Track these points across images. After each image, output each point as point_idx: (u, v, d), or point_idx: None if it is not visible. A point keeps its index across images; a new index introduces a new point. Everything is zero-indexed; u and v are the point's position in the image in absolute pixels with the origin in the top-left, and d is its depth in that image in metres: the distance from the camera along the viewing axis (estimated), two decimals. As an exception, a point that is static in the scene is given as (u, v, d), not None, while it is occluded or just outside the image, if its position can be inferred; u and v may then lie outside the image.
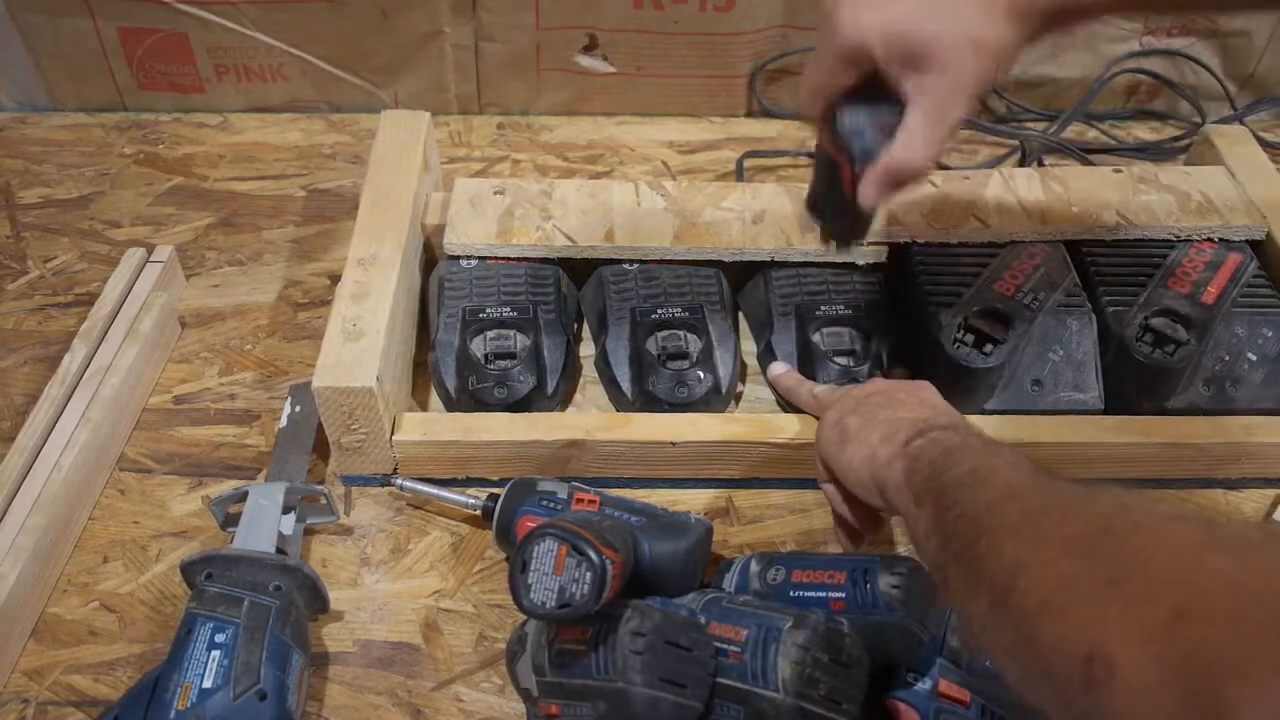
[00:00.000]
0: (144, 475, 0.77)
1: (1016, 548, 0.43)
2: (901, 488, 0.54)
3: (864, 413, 0.62)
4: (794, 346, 0.80)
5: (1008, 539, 0.43)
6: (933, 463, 0.53)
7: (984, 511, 0.46)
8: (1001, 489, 0.47)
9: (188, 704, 0.56)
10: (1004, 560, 0.43)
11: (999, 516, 0.45)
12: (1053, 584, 0.39)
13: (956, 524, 0.47)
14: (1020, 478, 0.48)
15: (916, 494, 0.53)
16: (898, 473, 0.55)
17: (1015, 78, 1.12)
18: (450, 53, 1.08)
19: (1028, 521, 0.44)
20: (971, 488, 0.48)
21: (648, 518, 0.65)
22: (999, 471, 0.49)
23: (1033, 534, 0.43)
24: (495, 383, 0.75)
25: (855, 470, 0.59)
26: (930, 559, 0.50)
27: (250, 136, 1.10)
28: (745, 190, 0.89)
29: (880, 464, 0.57)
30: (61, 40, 1.06)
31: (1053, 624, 0.38)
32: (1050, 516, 0.43)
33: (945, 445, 0.54)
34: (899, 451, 0.56)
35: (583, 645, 0.56)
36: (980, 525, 0.45)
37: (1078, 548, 0.40)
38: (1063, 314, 0.77)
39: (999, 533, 0.44)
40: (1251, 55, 1.10)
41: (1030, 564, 0.41)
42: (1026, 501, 0.45)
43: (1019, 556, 0.42)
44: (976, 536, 0.45)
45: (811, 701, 0.53)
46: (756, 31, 1.07)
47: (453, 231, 0.83)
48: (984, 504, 0.46)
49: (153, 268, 0.86)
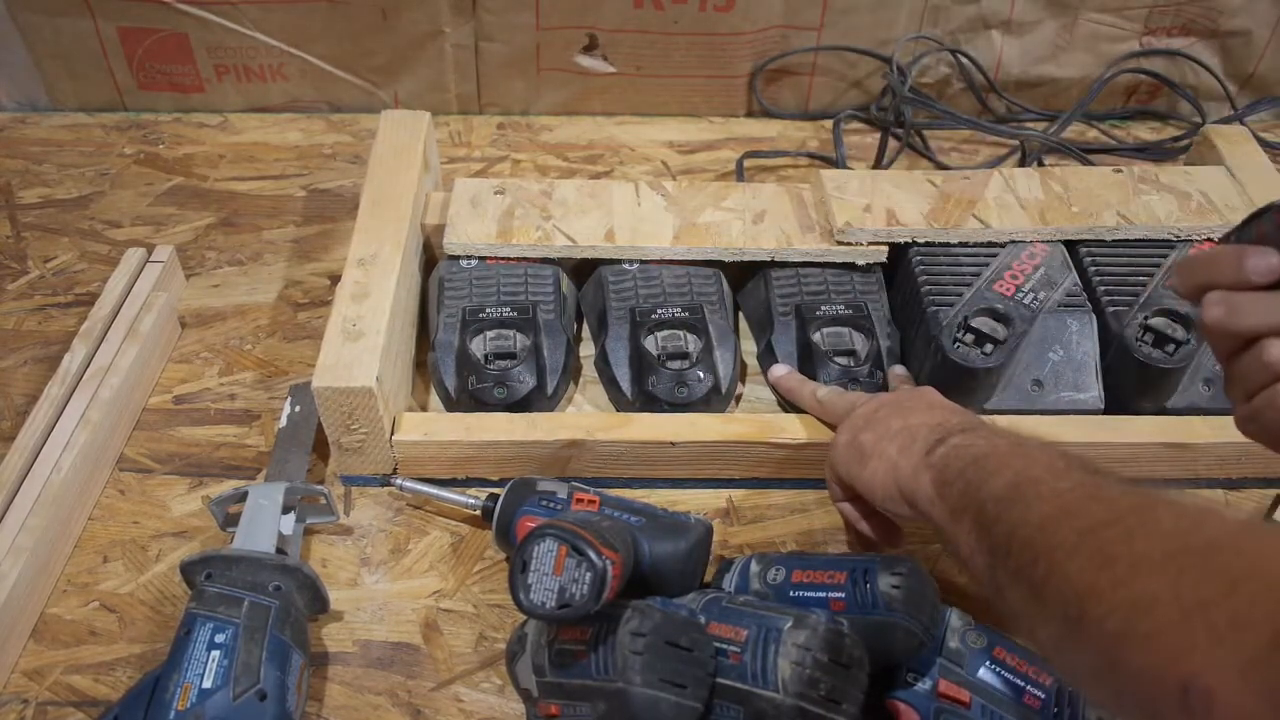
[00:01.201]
0: (144, 475, 0.77)
1: (1080, 569, 0.41)
2: (934, 500, 0.54)
3: (876, 427, 0.62)
4: (794, 346, 0.80)
5: (1068, 560, 0.42)
6: (963, 473, 0.52)
7: (1036, 532, 0.44)
8: (1051, 503, 0.45)
9: (188, 704, 0.56)
10: (1071, 584, 0.41)
11: (1054, 537, 0.43)
12: (1130, 608, 0.38)
13: (1009, 543, 0.46)
14: (1063, 485, 0.46)
15: (953, 508, 0.52)
16: (926, 485, 0.55)
17: (1015, 78, 1.12)
18: (450, 53, 1.08)
19: (1088, 540, 0.42)
20: (1017, 504, 0.47)
21: (648, 518, 0.65)
22: (1042, 482, 0.47)
23: (1097, 553, 0.41)
24: (495, 383, 0.75)
25: (881, 486, 0.59)
26: (980, 575, 0.49)
27: (250, 136, 1.10)
28: (745, 190, 0.89)
29: (905, 476, 0.57)
30: (61, 40, 1.06)
31: (1139, 652, 0.37)
32: (1113, 532, 0.41)
33: (973, 454, 0.53)
34: (921, 462, 0.56)
35: (583, 645, 0.56)
36: (1035, 547, 0.44)
37: (1150, 567, 0.39)
38: (1063, 314, 0.77)
39: (1057, 553, 0.42)
40: (1251, 55, 1.10)
41: (1099, 587, 0.40)
42: (1081, 518, 0.43)
43: (1085, 578, 0.40)
44: (1034, 558, 0.43)
45: (811, 702, 0.53)
46: (756, 31, 1.07)
47: (453, 231, 0.83)
48: (1035, 524, 0.45)
49: (153, 268, 0.86)
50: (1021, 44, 1.10)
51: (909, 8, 1.07)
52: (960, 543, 0.51)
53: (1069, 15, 1.08)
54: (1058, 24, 1.09)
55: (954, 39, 1.10)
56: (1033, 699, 0.57)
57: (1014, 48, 1.10)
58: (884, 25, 1.08)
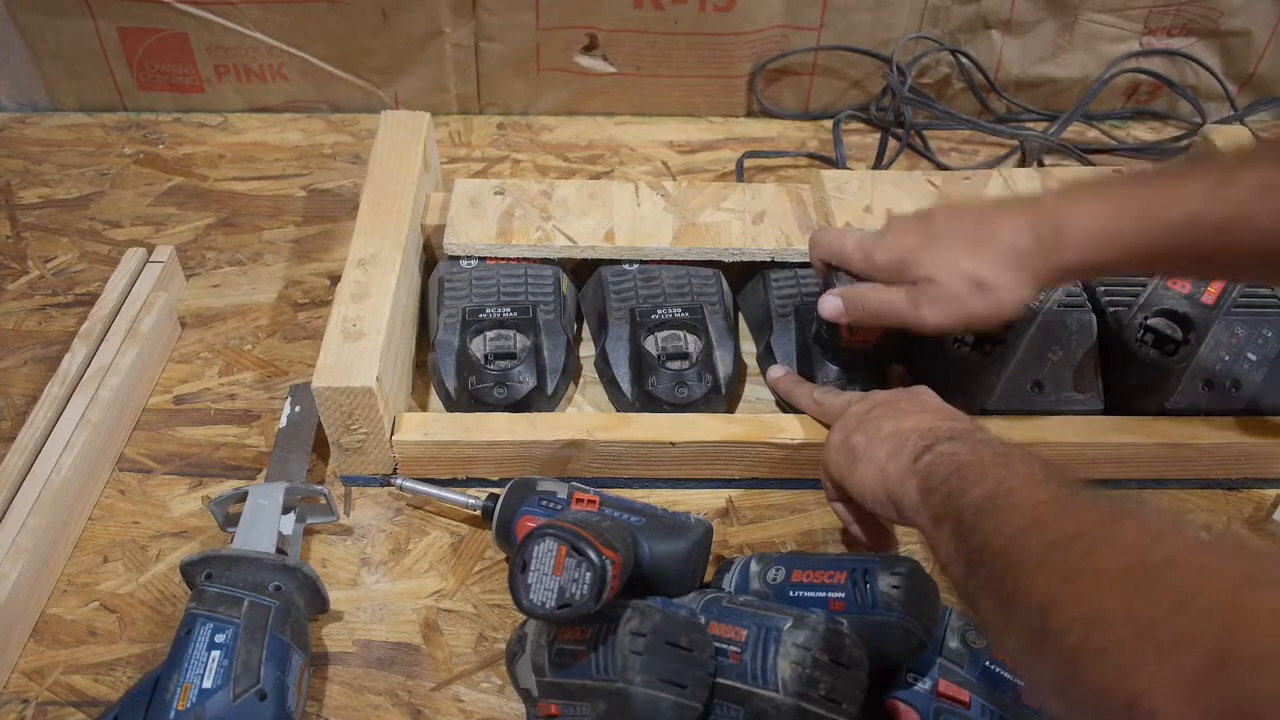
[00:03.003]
0: (144, 475, 0.77)
1: (1045, 583, 0.41)
2: (919, 507, 0.54)
3: (868, 429, 0.62)
4: (794, 347, 0.80)
5: (1035, 573, 0.42)
6: (946, 482, 0.53)
7: (1008, 543, 0.45)
8: (1024, 515, 0.46)
9: (188, 704, 0.56)
10: (1033, 597, 0.41)
11: (1024, 549, 0.44)
12: (1087, 623, 0.38)
13: (981, 554, 0.46)
14: (1038, 496, 0.47)
15: (934, 515, 0.52)
16: (912, 491, 0.55)
17: (1015, 78, 1.12)
18: (450, 53, 1.08)
19: (1054, 553, 0.42)
20: (992, 515, 0.47)
21: (648, 518, 0.65)
22: (1017, 493, 0.48)
23: (1060, 567, 0.41)
24: (495, 383, 0.75)
25: (870, 489, 0.59)
26: (957, 583, 0.50)
27: (250, 136, 1.10)
28: (745, 190, 0.89)
29: (893, 481, 0.57)
30: (61, 40, 1.06)
31: (1093, 667, 0.37)
32: (1077, 546, 0.42)
33: (957, 462, 0.53)
34: (909, 468, 0.56)
35: (583, 645, 0.56)
36: (1006, 559, 0.44)
37: (1108, 583, 0.39)
38: (1063, 314, 0.77)
39: (1025, 566, 0.43)
40: (1251, 55, 1.10)
41: (1061, 600, 0.40)
42: (1050, 531, 0.44)
43: (1048, 592, 0.41)
44: (1004, 571, 0.44)
45: (811, 701, 0.53)
46: (756, 31, 1.07)
47: (453, 232, 0.83)
48: (1008, 535, 0.45)
49: (153, 268, 0.86)
50: (1021, 44, 1.10)
51: (909, 8, 1.07)
52: (940, 550, 0.51)
53: (1069, 15, 1.08)
54: (1058, 24, 1.09)
55: (954, 39, 1.10)
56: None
57: (1014, 48, 1.10)
58: (884, 25, 1.08)
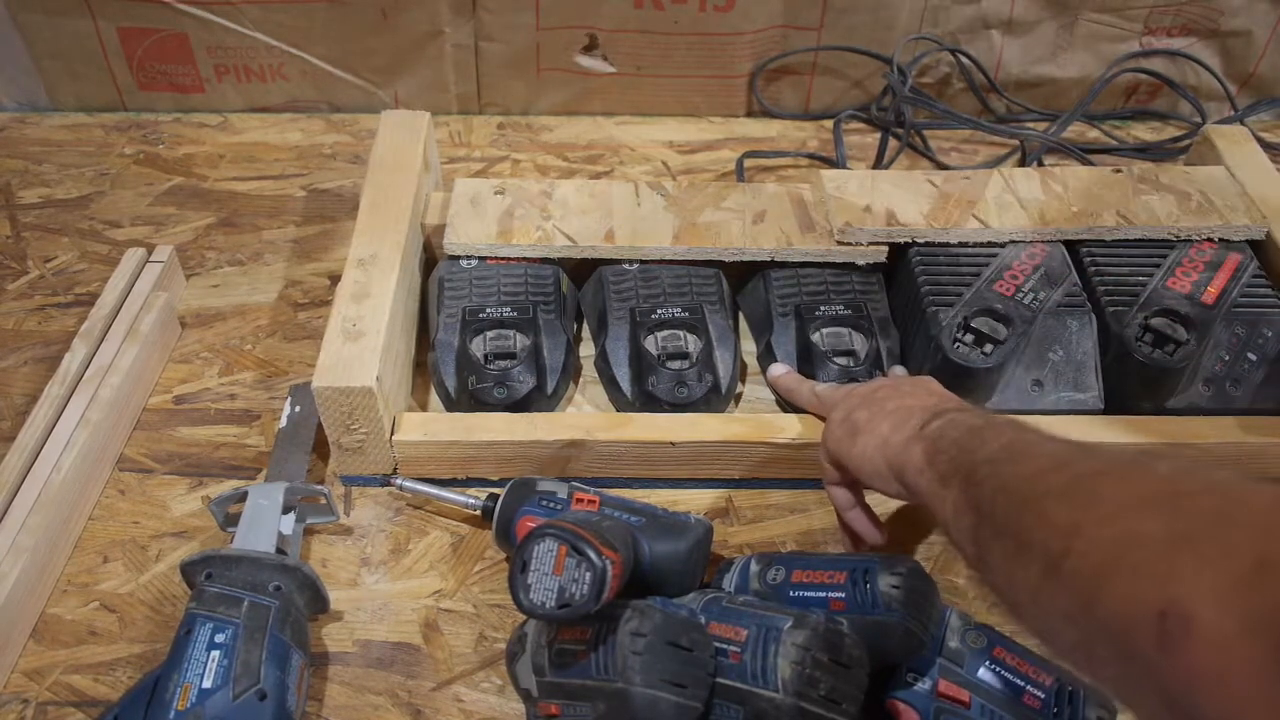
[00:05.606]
0: (144, 475, 0.77)
1: (1069, 511, 0.41)
2: (923, 469, 0.54)
3: (872, 406, 0.62)
4: (794, 346, 0.80)
5: (1057, 504, 0.42)
6: (957, 442, 0.52)
7: (1026, 482, 0.45)
8: (1044, 459, 0.46)
9: (187, 704, 0.56)
10: (1056, 525, 0.41)
11: (1044, 484, 0.43)
12: (1115, 544, 0.38)
13: (995, 499, 0.46)
14: (1061, 448, 0.47)
15: (942, 474, 0.52)
16: (917, 455, 0.55)
17: (1015, 78, 1.12)
18: (450, 53, 1.08)
19: (1080, 485, 0.42)
20: (1009, 462, 0.47)
21: (648, 518, 0.65)
22: (1037, 444, 0.48)
23: (1088, 496, 0.41)
24: (495, 383, 0.75)
25: (869, 460, 0.59)
26: (963, 538, 0.49)
27: (250, 136, 1.10)
28: (745, 190, 0.89)
29: (895, 449, 0.57)
30: (61, 40, 1.06)
31: (1118, 583, 0.37)
32: (1107, 479, 0.42)
33: (969, 424, 0.53)
34: (915, 435, 0.56)
35: (583, 645, 0.56)
36: (1023, 496, 0.44)
37: (1142, 507, 0.38)
38: (1063, 314, 0.77)
39: (1046, 499, 0.43)
40: (1252, 55, 1.10)
41: (1087, 524, 0.40)
42: (1077, 467, 0.43)
43: (1073, 518, 0.40)
44: (1021, 506, 0.44)
45: (811, 701, 0.53)
46: (756, 31, 1.07)
47: (453, 232, 0.83)
48: (1026, 476, 0.45)
49: (153, 268, 0.86)
50: (1021, 44, 1.10)
51: (909, 8, 1.07)
52: (946, 507, 0.51)
53: (1069, 15, 1.08)
54: (1058, 24, 1.09)
55: (954, 39, 1.10)
56: (1033, 699, 0.57)
57: (1014, 48, 1.10)
58: (884, 25, 1.08)
